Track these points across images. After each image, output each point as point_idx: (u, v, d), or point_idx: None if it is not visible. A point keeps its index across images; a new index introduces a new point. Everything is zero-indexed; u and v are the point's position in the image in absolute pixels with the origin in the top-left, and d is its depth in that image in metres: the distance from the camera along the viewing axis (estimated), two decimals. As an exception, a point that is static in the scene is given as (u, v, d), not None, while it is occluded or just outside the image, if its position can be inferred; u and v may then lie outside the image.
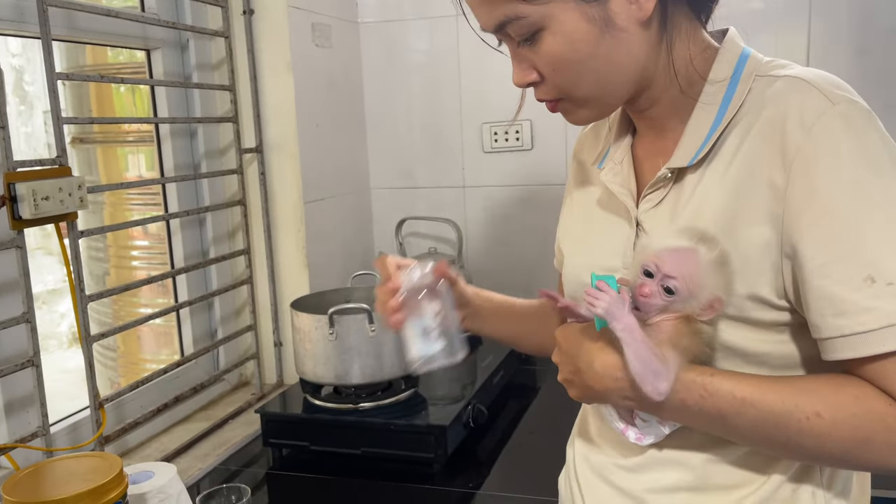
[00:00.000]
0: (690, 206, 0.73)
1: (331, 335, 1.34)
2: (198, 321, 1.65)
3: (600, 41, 0.71)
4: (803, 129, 0.65)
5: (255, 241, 1.65)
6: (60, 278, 4.58)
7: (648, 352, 0.67)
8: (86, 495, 0.84)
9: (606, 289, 0.68)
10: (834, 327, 0.63)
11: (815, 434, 0.64)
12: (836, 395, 0.64)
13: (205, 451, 1.40)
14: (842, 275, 0.62)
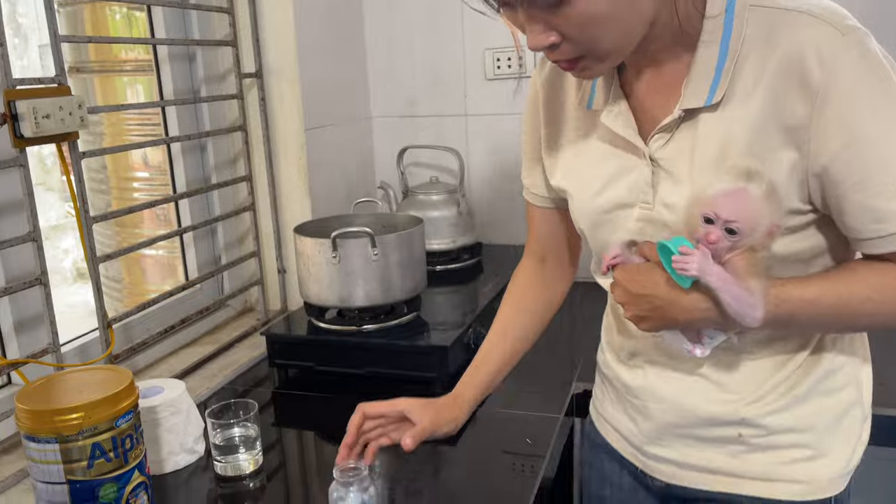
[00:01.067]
0: (713, 143, 0.76)
1: (334, 259, 1.35)
2: (201, 248, 1.66)
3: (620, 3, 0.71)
4: (822, 66, 0.70)
5: (256, 167, 1.64)
6: (62, 214, 4.59)
7: (740, 290, 0.74)
8: (98, 404, 0.87)
9: (688, 251, 0.73)
10: (874, 230, 0.73)
11: (868, 314, 0.76)
12: (882, 280, 0.75)
13: (212, 372, 1.44)
14: (876, 189, 0.71)
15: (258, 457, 1.10)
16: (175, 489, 1.07)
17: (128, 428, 0.90)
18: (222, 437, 1.09)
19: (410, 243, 1.40)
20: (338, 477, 0.88)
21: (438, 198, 1.78)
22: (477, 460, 1.14)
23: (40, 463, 0.87)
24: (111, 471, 0.88)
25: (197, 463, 1.13)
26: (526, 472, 1.06)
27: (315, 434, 1.27)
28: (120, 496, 0.90)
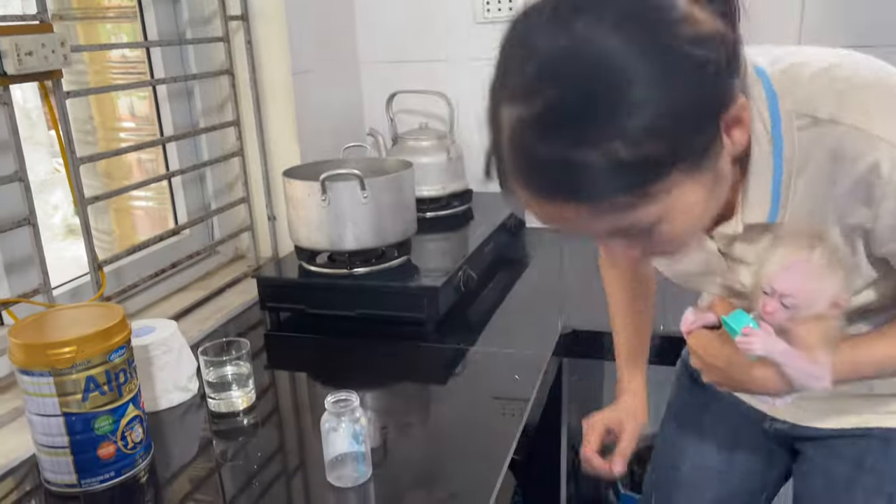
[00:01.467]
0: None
1: (323, 201, 1.35)
2: (191, 195, 1.66)
3: (712, 198, 0.68)
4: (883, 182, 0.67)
5: (244, 112, 1.63)
6: (50, 169, 4.54)
7: (805, 363, 0.75)
8: (90, 338, 0.88)
9: (751, 331, 0.75)
10: None
11: None
12: None
13: (204, 316, 1.44)
14: None
15: (251, 394, 1.12)
16: (170, 425, 1.09)
17: (121, 363, 0.91)
18: (215, 374, 1.10)
19: (400, 186, 1.40)
20: (329, 408, 0.90)
21: (428, 144, 1.77)
22: (465, 401, 1.16)
23: (35, 396, 0.88)
24: (106, 404, 0.90)
25: (191, 401, 1.14)
26: (514, 415, 1.08)
27: (307, 375, 1.29)
28: (116, 428, 0.91)
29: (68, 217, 4.57)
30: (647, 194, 0.61)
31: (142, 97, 1.96)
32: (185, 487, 0.95)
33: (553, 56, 0.59)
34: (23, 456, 1.01)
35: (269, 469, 0.97)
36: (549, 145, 0.60)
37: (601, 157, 0.58)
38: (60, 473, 0.91)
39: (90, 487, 0.91)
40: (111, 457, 0.91)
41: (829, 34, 1.65)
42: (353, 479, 0.91)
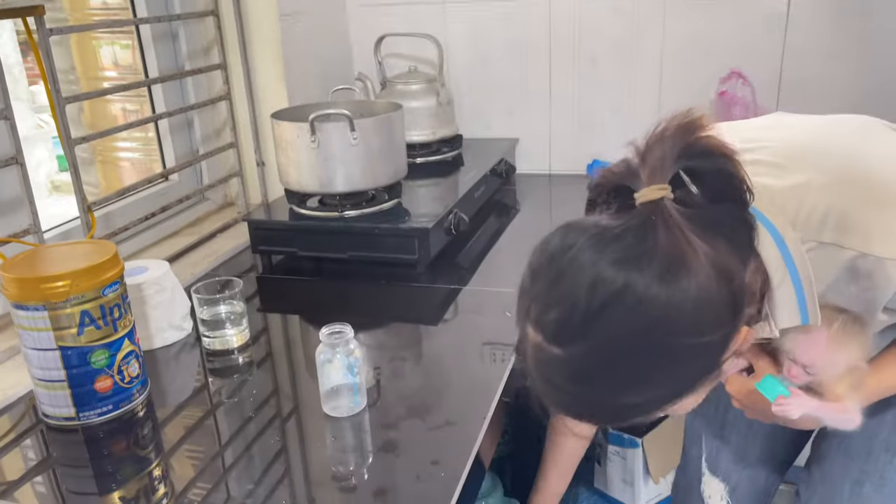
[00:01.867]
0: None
1: (313, 143, 1.34)
2: (178, 141, 1.64)
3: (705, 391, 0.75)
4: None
5: (230, 55, 1.61)
6: (33, 125, 4.46)
7: (836, 412, 0.85)
8: (83, 272, 0.88)
9: (785, 400, 0.84)
10: None
11: None
12: None
13: (195, 260, 1.45)
14: None
15: (245, 332, 1.13)
16: (165, 363, 1.10)
17: (115, 297, 0.92)
18: (209, 313, 1.11)
19: (390, 128, 1.39)
20: (324, 339, 0.91)
21: (417, 87, 1.76)
22: (457, 338, 1.17)
23: (31, 330, 0.88)
24: (101, 338, 0.91)
25: (185, 340, 1.15)
26: (504, 356, 1.09)
27: (300, 317, 1.29)
28: (112, 363, 0.92)
29: (52, 174, 4.52)
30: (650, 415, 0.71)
31: (124, 46, 1.92)
32: (183, 421, 0.96)
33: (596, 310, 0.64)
34: (20, 392, 1.02)
35: (265, 403, 0.99)
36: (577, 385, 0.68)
37: (614, 403, 0.68)
38: (58, 407, 0.92)
39: (88, 420, 0.93)
40: (108, 390, 0.92)
41: None
42: (348, 409, 0.92)
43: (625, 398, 0.67)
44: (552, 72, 1.85)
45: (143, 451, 0.91)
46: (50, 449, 0.92)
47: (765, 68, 1.71)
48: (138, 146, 1.94)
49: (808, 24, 1.66)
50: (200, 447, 0.91)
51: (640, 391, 0.67)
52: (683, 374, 0.67)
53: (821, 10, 1.65)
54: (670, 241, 0.63)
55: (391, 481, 0.81)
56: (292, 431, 0.93)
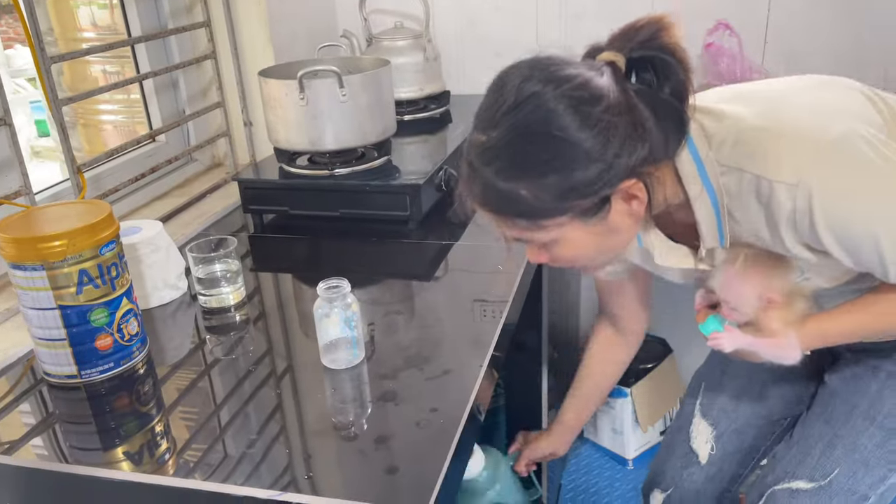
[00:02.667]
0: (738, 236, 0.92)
1: (301, 100, 1.33)
2: (164, 101, 1.63)
3: (604, 242, 0.88)
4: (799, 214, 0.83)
5: (214, 13, 1.58)
6: (10, 90, 4.38)
7: (772, 346, 0.91)
8: (80, 231, 0.88)
9: (716, 335, 0.92)
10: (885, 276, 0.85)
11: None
12: None
13: (186, 221, 1.45)
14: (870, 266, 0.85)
15: (241, 290, 1.14)
16: (162, 322, 1.11)
17: (112, 257, 0.92)
18: (204, 271, 1.12)
19: (378, 84, 1.39)
20: (322, 294, 0.92)
21: (404, 43, 1.74)
22: (451, 291, 1.19)
23: (29, 290, 0.89)
24: (100, 297, 0.91)
25: (181, 299, 1.16)
26: (497, 312, 1.11)
27: (293, 275, 1.30)
28: (112, 321, 0.93)
29: (31, 139, 4.45)
30: (539, 226, 0.84)
31: (103, 5, 1.89)
32: (184, 377, 0.98)
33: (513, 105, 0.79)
34: (20, 352, 1.03)
35: (264, 358, 1.01)
36: (483, 167, 0.81)
37: (511, 190, 0.81)
38: (60, 365, 0.93)
39: (90, 378, 0.94)
40: (109, 348, 0.94)
41: None
42: (347, 362, 0.94)
43: (519, 186, 0.80)
44: (538, 27, 1.84)
45: (145, 407, 0.92)
46: (52, 407, 0.94)
47: (751, 18, 1.71)
48: (121, 108, 1.92)
49: (794, -26, 1.66)
50: (201, 403, 0.93)
51: (532, 181, 0.80)
52: (568, 179, 0.79)
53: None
54: (602, 82, 0.78)
55: (391, 429, 0.84)
56: (292, 385, 0.95)
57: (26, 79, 4.16)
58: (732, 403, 1.22)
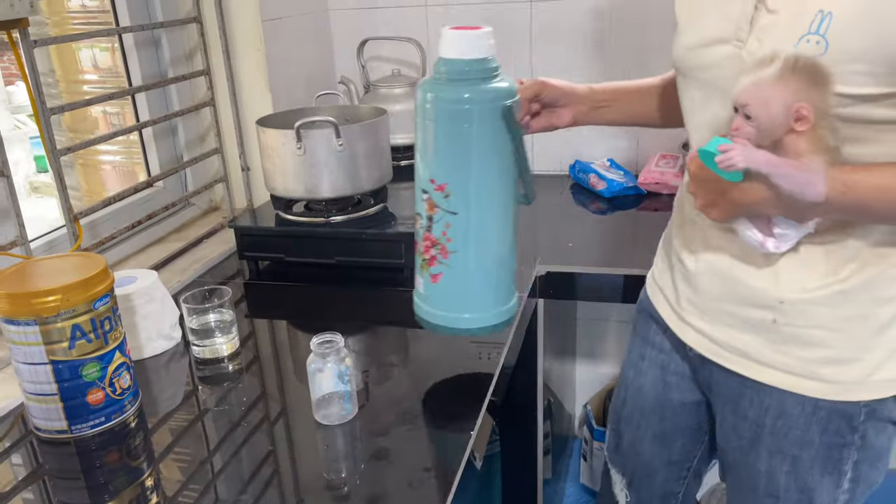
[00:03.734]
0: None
1: (299, 150, 1.35)
2: (163, 147, 1.64)
3: None
4: None
5: (214, 61, 1.61)
6: (10, 126, 4.41)
7: (792, 169, 0.73)
8: (74, 286, 0.88)
9: (727, 147, 0.74)
10: None
11: None
12: None
13: (182, 267, 1.45)
14: None
15: (234, 340, 1.14)
16: (155, 372, 1.11)
17: (105, 311, 0.92)
18: (198, 322, 1.12)
19: (375, 133, 1.40)
20: (315, 349, 0.92)
21: (401, 91, 1.77)
22: (444, 342, 1.18)
23: (21, 345, 0.89)
24: (93, 351, 0.91)
25: (175, 349, 1.16)
26: (492, 356, 1.11)
27: (288, 322, 1.30)
28: (104, 375, 0.93)
29: (30, 175, 4.47)
30: None
31: (104, 48, 1.92)
32: (176, 431, 0.97)
33: None
34: (10, 406, 1.02)
35: (256, 411, 1.00)
36: None
37: None
38: (51, 420, 0.92)
39: (81, 433, 0.93)
40: (100, 403, 0.93)
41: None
42: (339, 417, 0.94)
43: None
44: (534, 74, 1.87)
45: (136, 461, 0.91)
46: (41, 461, 0.93)
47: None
48: (120, 149, 1.93)
49: None
50: (192, 458, 0.92)
51: None
52: None
53: None
54: None
55: (383, 489, 0.83)
56: (284, 440, 0.95)
57: (27, 115, 4.20)
58: (631, 448, 1.17)
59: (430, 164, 0.91)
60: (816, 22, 0.71)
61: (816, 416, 0.89)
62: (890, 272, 0.84)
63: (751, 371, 0.92)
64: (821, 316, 0.85)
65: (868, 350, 0.86)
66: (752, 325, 0.90)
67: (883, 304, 0.85)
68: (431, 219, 0.92)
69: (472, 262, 0.92)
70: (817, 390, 0.88)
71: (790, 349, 0.88)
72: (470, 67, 0.86)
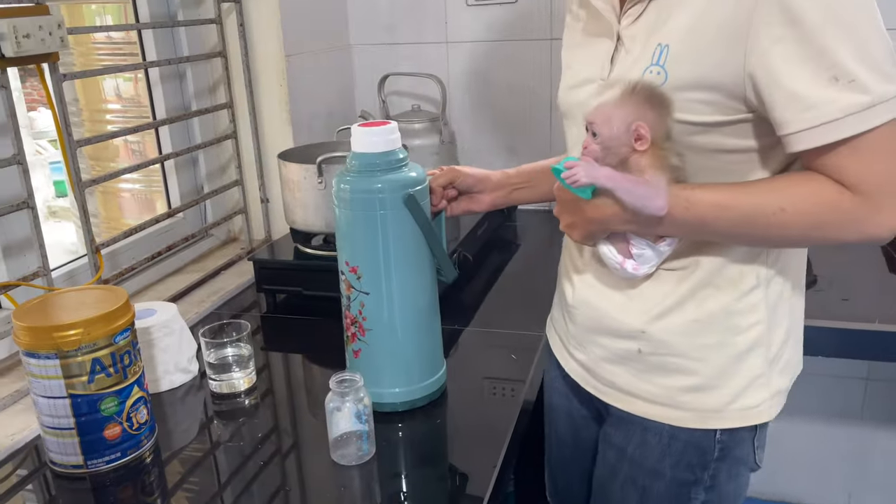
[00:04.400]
0: (667, 23, 0.77)
1: (320, 184, 1.35)
2: (184, 178, 1.66)
3: None
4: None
5: (237, 95, 1.63)
6: (31, 151, 4.48)
7: (634, 183, 0.77)
8: (96, 320, 0.89)
9: (572, 163, 0.79)
10: (801, 120, 0.71)
11: (780, 225, 0.75)
12: (799, 190, 0.75)
13: (200, 298, 1.45)
14: (810, 76, 0.70)
15: (252, 375, 1.13)
16: (172, 406, 1.10)
17: (126, 344, 0.92)
18: (216, 356, 1.11)
19: (395, 169, 1.41)
20: (334, 387, 0.91)
21: (420, 126, 1.78)
22: (462, 381, 1.17)
23: (41, 378, 0.88)
24: (111, 385, 0.91)
25: (191, 382, 1.15)
26: (512, 394, 1.10)
27: (305, 356, 1.30)
28: (121, 409, 0.92)
29: (49, 199, 4.52)
30: None
31: (127, 78, 1.95)
32: (191, 467, 0.96)
33: None
34: (27, 437, 1.02)
35: (273, 448, 0.99)
36: None
37: None
38: (66, 455, 0.92)
39: (96, 468, 0.92)
40: (117, 437, 0.92)
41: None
42: (356, 458, 0.93)
43: None
44: (552, 109, 1.88)
45: (150, 497, 0.91)
46: (54, 496, 0.92)
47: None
48: (139, 177, 1.95)
49: None
50: (208, 495, 0.91)
51: None
52: None
53: None
54: None
55: (401, 533, 0.82)
56: (300, 480, 0.93)
57: (48, 140, 4.26)
58: (568, 491, 1.17)
59: (344, 247, 1.01)
60: (657, 54, 0.77)
61: (672, 448, 0.90)
62: (745, 300, 0.85)
63: (619, 402, 0.94)
64: (681, 344, 0.87)
65: (728, 378, 0.86)
66: (620, 356, 0.91)
67: (740, 333, 0.86)
68: (349, 298, 1.01)
69: (387, 339, 1.01)
70: (676, 418, 0.89)
71: (655, 378, 0.89)
72: (379, 160, 0.94)
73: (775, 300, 0.87)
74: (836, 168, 0.72)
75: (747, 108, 0.75)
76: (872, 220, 0.72)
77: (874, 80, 0.69)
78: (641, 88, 0.77)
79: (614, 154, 0.78)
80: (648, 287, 0.88)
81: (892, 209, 0.72)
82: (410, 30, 1.91)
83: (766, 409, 0.88)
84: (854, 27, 0.69)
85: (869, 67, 0.69)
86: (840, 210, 0.73)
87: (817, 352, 1.29)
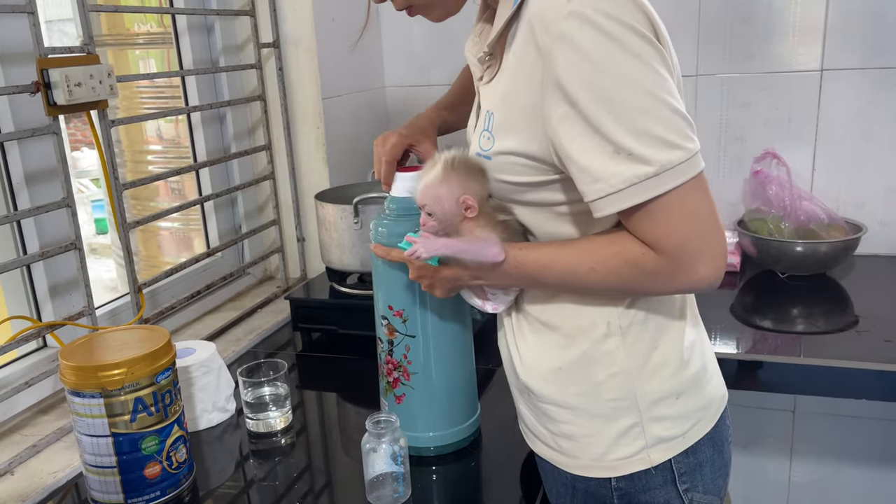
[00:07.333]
0: (496, 91, 0.83)
1: (356, 224, 1.37)
2: (222, 218, 1.69)
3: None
4: (546, 32, 0.73)
5: (275, 136, 1.67)
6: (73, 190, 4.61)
7: (467, 242, 0.84)
8: (139, 360, 0.90)
9: (412, 240, 0.86)
10: (592, 191, 0.74)
11: (594, 283, 0.80)
12: (606, 251, 0.78)
13: (237, 336, 1.47)
14: (594, 151, 0.73)
15: (288, 414, 1.14)
16: (209, 445, 1.11)
17: (167, 384, 0.94)
18: (253, 395, 1.13)
19: (430, 209, 1.42)
20: (370, 428, 0.92)
21: (454, 166, 1.80)
22: (499, 421, 1.17)
23: (85, 417, 0.90)
24: (153, 424, 0.92)
25: (229, 421, 1.17)
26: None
27: (340, 395, 1.30)
28: (161, 448, 0.93)
29: (90, 237, 4.64)
30: None
31: (168, 121, 2.01)
32: (227, 507, 0.97)
33: None
34: (69, 475, 1.03)
35: (308, 489, 0.99)
36: None
37: None
38: (108, 493, 0.93)
39: (136, 507, 0.94)
40: (157, 476, 0.94)
41: (852, 57, 1.67)
42: (392, 499, 0.92)
43: None
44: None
45: (188, 537, 0.91)
46: (97, 534, 0.93)
47: (799, 149, 1.73)
48: (178, 216, 2.00)
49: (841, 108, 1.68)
50: (245, 536, 0.91)
51: None
52: None
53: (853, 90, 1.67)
54: None
55: (437, 578, 0.81)
56: (336, 521, 0.93)
57: (90, 179, 4.39)
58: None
59: (384, 291, 1.02)
60: (486, 120, 0.83)
61: (575, 494, 0.90)
62: (601, 348, 0.85)
63: (530, 441, 0.96)
64: (553, 393, 0.88)
65: (600, 426, 0.86)
66: (524, 399, 0.93)
67: (602, 382, 0.85)
68: (392, 343, 1.02)
69: (434, 381, 1.01)
70: (566, 464, 0.89)
71: (545, 423, 0.91)
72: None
73: (645, 348, 0.85)
74: (637, 230, 0.75)
75: (561, 170, 0.78)
76: (684, 275, 0.75)
77: (653, 151, 0.71)
78: (459, 163, 0.83)
79: (449, 224, 0.85)
80: (521, 339, 0.91)
81: (701, 263, 0.74)
82: (443, 71, 1.95)
83: (647, 457, 0.85)
84: (623, 104, 0.71)
85: (644, 140, 0.71)
86: (644, 269, 0.76)
87: (860, 395, 1.26)
